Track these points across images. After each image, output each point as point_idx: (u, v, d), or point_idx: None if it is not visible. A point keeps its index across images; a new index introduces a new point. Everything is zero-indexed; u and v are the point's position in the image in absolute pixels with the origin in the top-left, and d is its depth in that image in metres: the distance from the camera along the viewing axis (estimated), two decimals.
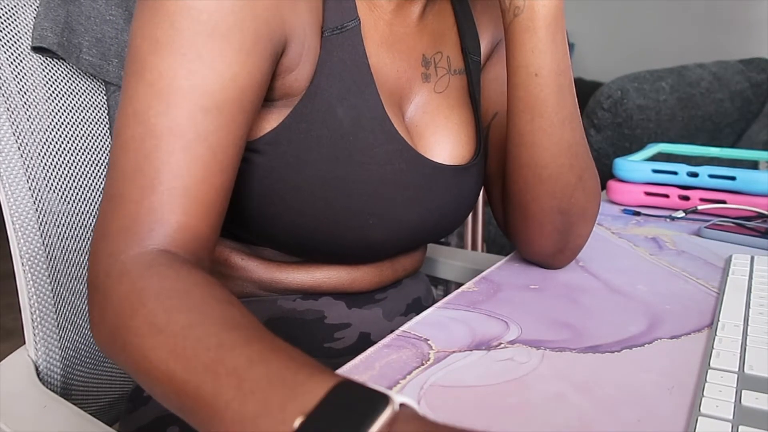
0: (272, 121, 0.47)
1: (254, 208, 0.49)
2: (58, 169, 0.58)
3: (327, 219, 0.49)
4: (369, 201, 0.50)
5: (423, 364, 0.42)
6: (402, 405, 0.25)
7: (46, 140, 0.57)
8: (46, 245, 0.56)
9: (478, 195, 0.61)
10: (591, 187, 0.56)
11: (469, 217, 1.54)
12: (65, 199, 0.59)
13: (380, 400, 0.24)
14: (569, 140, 0.52)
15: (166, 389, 0.30)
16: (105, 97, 0.64)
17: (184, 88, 0.39)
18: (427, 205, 0.54)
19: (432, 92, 0.56)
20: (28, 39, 0.57)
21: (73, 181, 0.60)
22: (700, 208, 0.78)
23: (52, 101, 0.58)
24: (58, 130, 0.59)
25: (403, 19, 0.53)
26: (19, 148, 0.55)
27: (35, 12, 0.58)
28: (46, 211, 0.56)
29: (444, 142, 0.56)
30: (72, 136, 0.60)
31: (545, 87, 0.50)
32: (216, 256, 0.55)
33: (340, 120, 0.47)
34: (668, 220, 0.79)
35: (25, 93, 0.56)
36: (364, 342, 0.57)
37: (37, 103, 0.57)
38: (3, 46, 0.55)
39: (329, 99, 0.47)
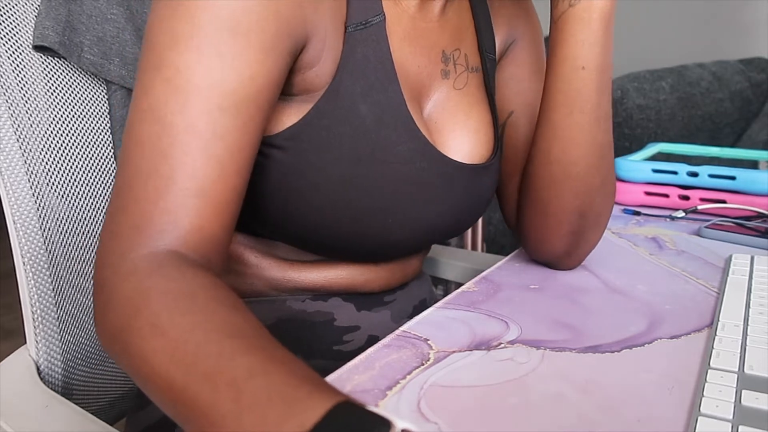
0: (292, 116, 0.46)
1: (273, 205, 0.48)
2: (60, 168, 0.58)
3: (347, 218, 0.48)
4: (390, 200, 0.49)
5: (423, 364, 0.42)
6: (404, 431, 0.24)
7: (48, 139, 0.57)
8: (47, 243, 0.56)
9: (494, 194, 0.61)
10: (610, 192, 0.55)
11: None
12: (66, 197, 0.59)
13: (381, 424, 0.23)
14: (601, 140, 0.52)
15: (165, 396, 0.30)
16: (106, 97, 0.64)
17: (202, 86, 0.38)
18: (446, 204, 0.53)
19: (451, 89, 0.55)
20: (29, 38, 0.57)
21: (74, 179, 0.60)
22: (700, 207, 0.79)
23: (54, 100, 0.58)
24: (59, 129, 0.59)
25: (425, 14, 0.53)
26: (20, 147, 0.55)
27: (36, 11, 0.58)
28: (47, 209, 0.56)
29: (463, 140, 0.55)
30: (73, 134, 0.60)
31: (589, 82, 0.50)
32: (230, 252, 0.54)
33: (363, 117, 0.46)
34: (668, 219, 0.79)
35: (26, 92, 0.56)
36: (373, 345, 0.57)
37: (39, 102, 0.57)
38: (4, 45, 0.55)
39: (352, 96, 0.46)
